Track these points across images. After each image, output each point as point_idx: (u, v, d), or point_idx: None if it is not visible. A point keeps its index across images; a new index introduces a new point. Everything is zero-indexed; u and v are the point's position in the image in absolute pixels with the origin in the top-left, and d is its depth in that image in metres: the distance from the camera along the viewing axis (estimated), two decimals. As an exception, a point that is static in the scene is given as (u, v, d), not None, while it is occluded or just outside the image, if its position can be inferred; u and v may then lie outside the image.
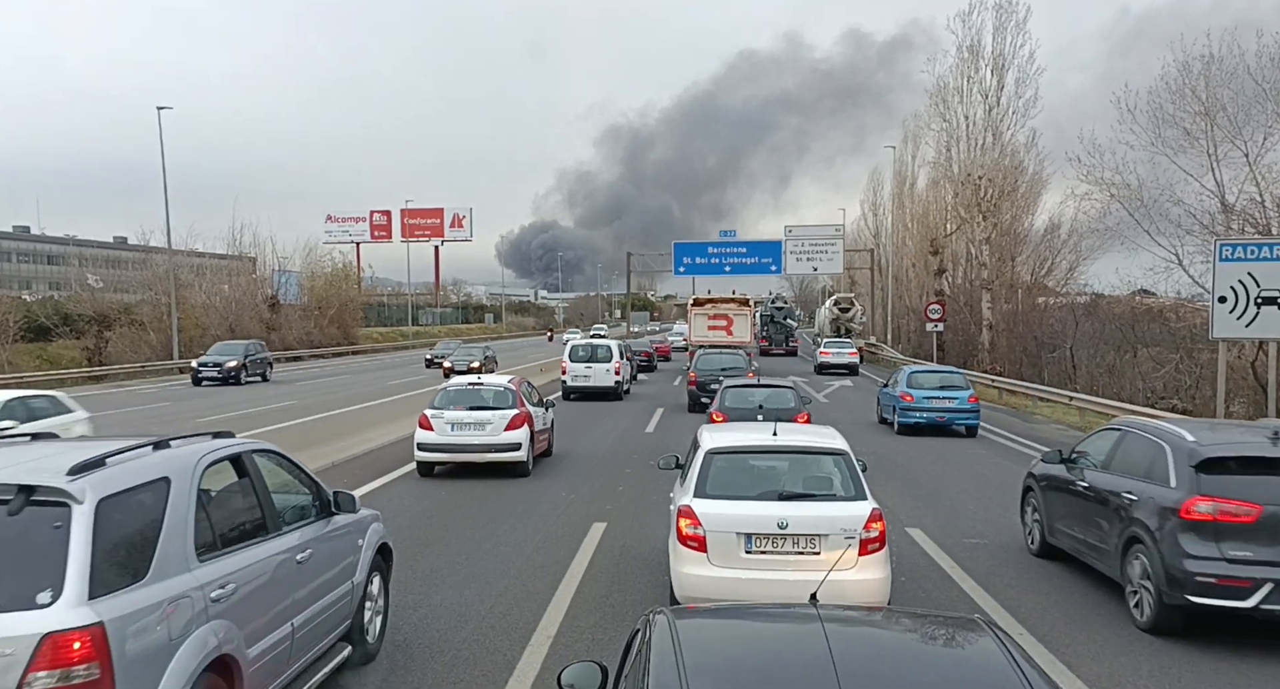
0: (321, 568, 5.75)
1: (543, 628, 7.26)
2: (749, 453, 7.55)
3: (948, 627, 3.34)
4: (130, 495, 4.21)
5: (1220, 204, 24.24)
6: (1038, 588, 8.50)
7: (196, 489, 4.64)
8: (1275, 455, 7.17)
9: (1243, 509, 6.86)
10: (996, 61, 38.69)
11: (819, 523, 6.73)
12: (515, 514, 11.54)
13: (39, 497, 3.88)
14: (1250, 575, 6.69)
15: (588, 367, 26.72)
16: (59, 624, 3.61)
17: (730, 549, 6.73)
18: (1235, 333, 17.56)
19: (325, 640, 5.82)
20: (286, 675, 5.24)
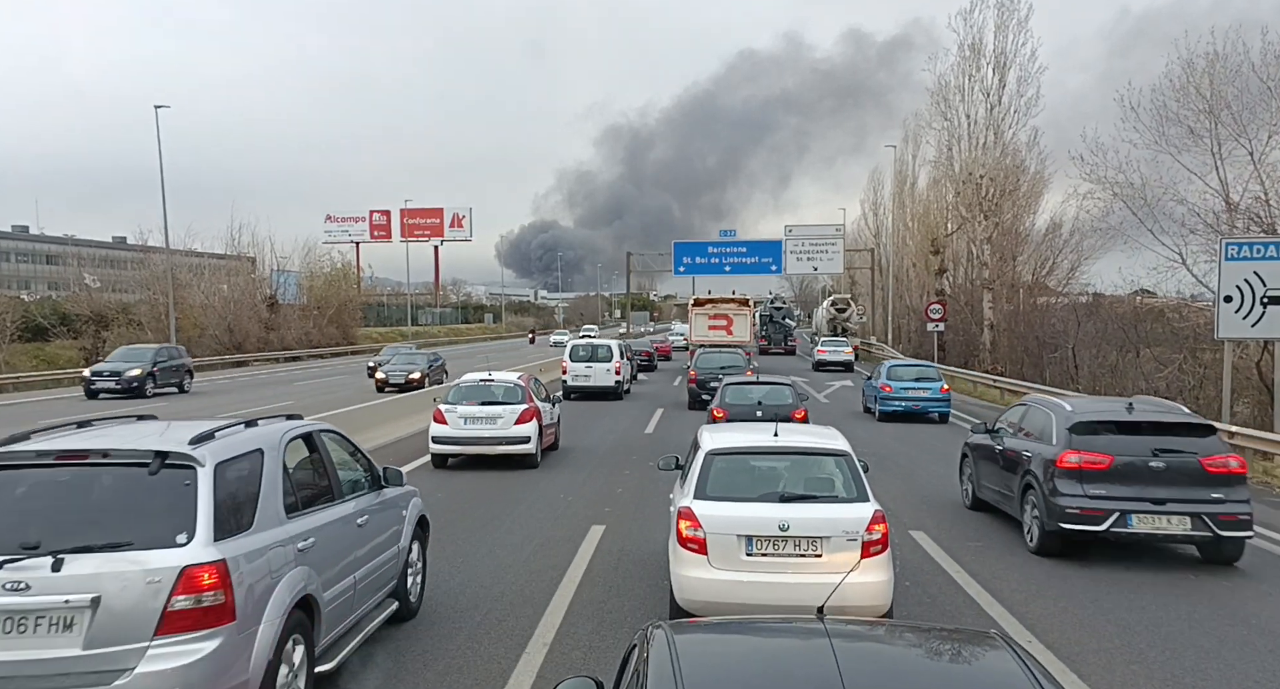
0: (375, 532, 6.75)
1: (539, 635, 7.09)
2: (750, 454, 7.44)
3: (963, 642, 3.15)
4: (236, 462, 5.21)
5: (1225, 202, 24.03)
6: (1044, 592, 8.32)
7: (282, 459, 5.67)
8: (1125, 420, 9.62)
9: (1099, 459, 9.31)
10: (998, 60, 38.50)
11: (821, 525, 6.62)
12: (513, 516, 11.37)
13: (171, 461, 4.86)
14: (1103, 507, 9.14)
15: (588, 366, 26.82)
16: (193, 559, 4.58)
17: (731, 551, 6.62)
18: (1241, 333, 17.38)
19: (378, 595, 6.81)
20: (349, 621, 6.22)
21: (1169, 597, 8.19)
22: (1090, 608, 7.87)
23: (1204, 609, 7.83)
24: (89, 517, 4.82)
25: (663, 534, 9.17)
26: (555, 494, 12.87)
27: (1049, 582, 8.66)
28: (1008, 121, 38.73)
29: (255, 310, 54.29)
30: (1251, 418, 21.73)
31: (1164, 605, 7.93)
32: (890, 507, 11.88)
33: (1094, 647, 6.91)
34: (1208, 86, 23.84)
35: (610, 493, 12.99)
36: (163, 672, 4.45)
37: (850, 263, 62.84)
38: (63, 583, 4.44)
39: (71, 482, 4.97)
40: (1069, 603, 8.01)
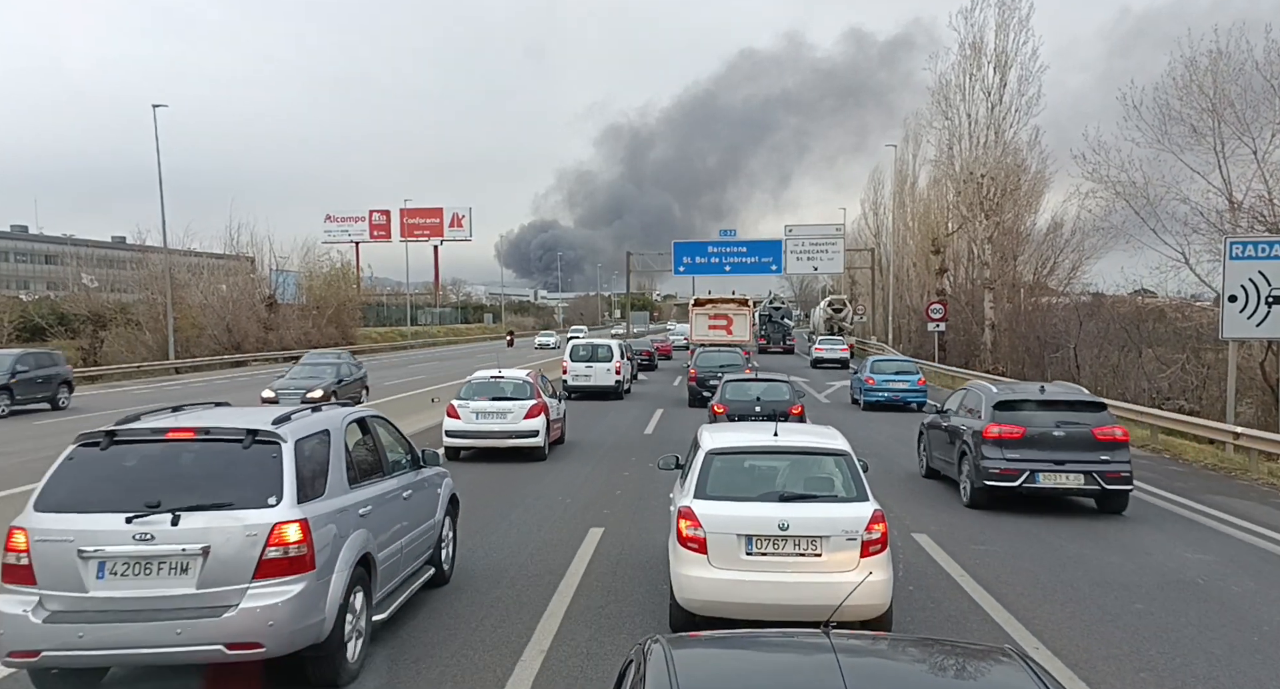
0: (417, 505, 7.75)
1: (535, 641, 6.93)
2: (749, 453, 7.42)
3: (978, 658, 3.01)
4: (310, 439, 6.20)
5: (1228, 201, 23.87)
6: (1051, 597, 8.17)
7: (344, 438, 6.67)
8: (1037, 398, 12.18)
9: (1014, 430, 11.71)
10: (999, 59, 38.33)
11: (820, 524, 6.60)
12: (509, 519, 11.21)
13: (260, 437, 5.85)
14: (1018, 468, 11.48)
15: (588, 366, 26.90)
16: (282, 517, 5.56)
17: (731, 551, 6.61)
18: (1246, 333, 17.25)
19: (418, 561, 7.81)
20: (396, 580, 7.23)
21: (1178, 602, 8.04)
22: (1097, 613, 7.72)
23: (1214, 615, 7.68)
24: (197, 482, 5.74)
25: (662, 537, 9.14)
26: (554, 496, 12.72)
27: (1056, 586, 8.51)
28: (1009, 120, 38.58)
29: (254, 310, 54.09)
30: (1255, 418, 21.58)
31: (1173, 611, 7.78)
32: (892, 508, 11.75)
33: (1103, 654, 6.76)
34: (1211, 85, 23.68)
35: (609, 495, 12.83)
36: (259, 608, 5.42)
37: (850, 262, 62.68)
38: (180, 535, 5.43)
39: (181, 453, 5.88)
40: (1076, 608, 7.86)
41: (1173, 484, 14.09)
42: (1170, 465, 16.27)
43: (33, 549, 5.41)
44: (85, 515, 5.49)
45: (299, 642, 5.63)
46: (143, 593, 5.40)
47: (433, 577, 8.05)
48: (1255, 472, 15.05)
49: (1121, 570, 9.06)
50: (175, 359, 44.19)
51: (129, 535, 5.40)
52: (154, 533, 5.41)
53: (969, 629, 7.28)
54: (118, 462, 5.82)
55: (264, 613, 5.42)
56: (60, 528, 5.45)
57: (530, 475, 14.31)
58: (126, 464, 5.81)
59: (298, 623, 5.55)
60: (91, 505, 5.53)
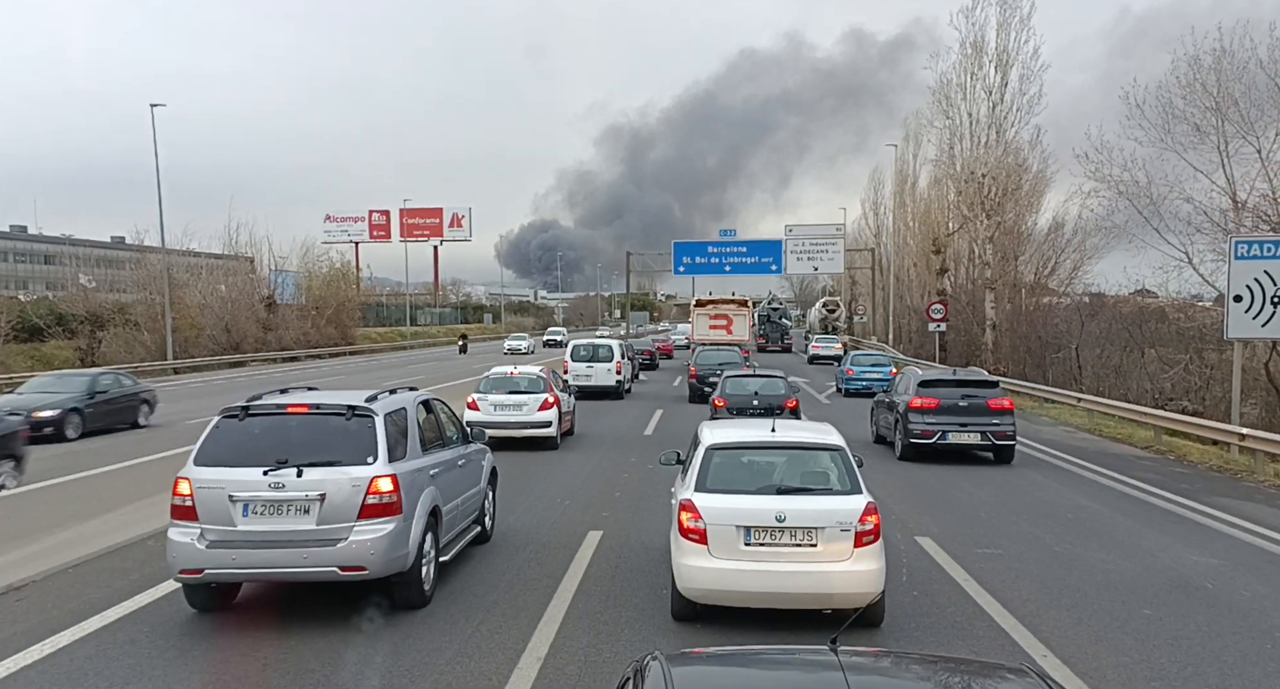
0: (468, 473, 9.37)
1: (532, 648, 6.79)
2: (748, 448, 7.67)
3: (993, 677, 2.81)
4: (394, 414, 7.78)
5: (1232, 201, 23.72)
6: (1058, 602, 8.02)
7: (415, 414, 8.26)
8: (948, 378, 16.46)
9: (931, 401, 15.57)
10: (1000, 57, 38.14)
11: (815, 516, 6.89)
12: (506, 522, 11.05)
13: (358, 411, 7.46)
14: (935, 429, 15.43)
15: (589, 366, 27.19)
16: (378, 473, 7.14)
17: (730, 541, 6.89)
18: (1251, 333, 17.11)
19: (468, 519, 9.37)
20: (454, 532, 8.78)
21: (1187, 607, 7.89)
22: (1105, 618, 7.57)
23: (1224, 621, 7.53)
24: (313, 445, 7.30)
25: (661, 540, 9.24)
26: (552, 498, 12.57)
27: (1062, 591, 8.35)
28: (1010, 120, 38.38)
29: (253, 310, 53.95)
30: (1260, 419, 21.45)
31: (1183, 617, 7.63)
32: (893, 508, 11.61)
33: (1113, 662, 6.61)
34: (1214, 83, 23.52)
35: (608, 497, 12.69)
36: (363, 540, 7.03)
37: (851, 262, 62.54)
38: (303, 484, 7.04)
39: (299, 423, 7.50)
40: (1083, 613, 7.70)
41: (1177, 486, 13.95)
42: (1174, 467, 16.13)
43: (195, 494, 7.07)
44: (232, 469, 7.13)
45: (391, 569, 7.23)
46: (277, 527, 7.03)
47: (478, 534, 9.68)
48: (1261, 473, 14.90)
49: (1128, 574, 8.91)
50: (174, 360, 44.05)
51: (265, 484, 7.03)
52: (284, 482, 7.04)
53: (975, 636, 7.13)
54: (252, 429, 7.45)
55: (366, 544, 7.04)
56: (214, 478, 7.09)
57: (530, 475, 14.18)
58: (258, 431, 7.43)
59: (390, 554, 7.16)
60: (236, 461, 7.18)
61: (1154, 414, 19.36)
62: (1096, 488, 13.87)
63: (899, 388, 17.06)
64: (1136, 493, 13.40)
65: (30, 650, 6.74)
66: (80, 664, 6.51)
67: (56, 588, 8.37)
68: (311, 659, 6.54)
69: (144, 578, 8.59)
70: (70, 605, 7.81)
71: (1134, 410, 20.60)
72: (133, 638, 7.03)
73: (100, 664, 6.49)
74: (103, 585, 8.40)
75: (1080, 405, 23.26)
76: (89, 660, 6.57)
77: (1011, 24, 37.62)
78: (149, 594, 8.10)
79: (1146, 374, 28.12)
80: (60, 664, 6.51)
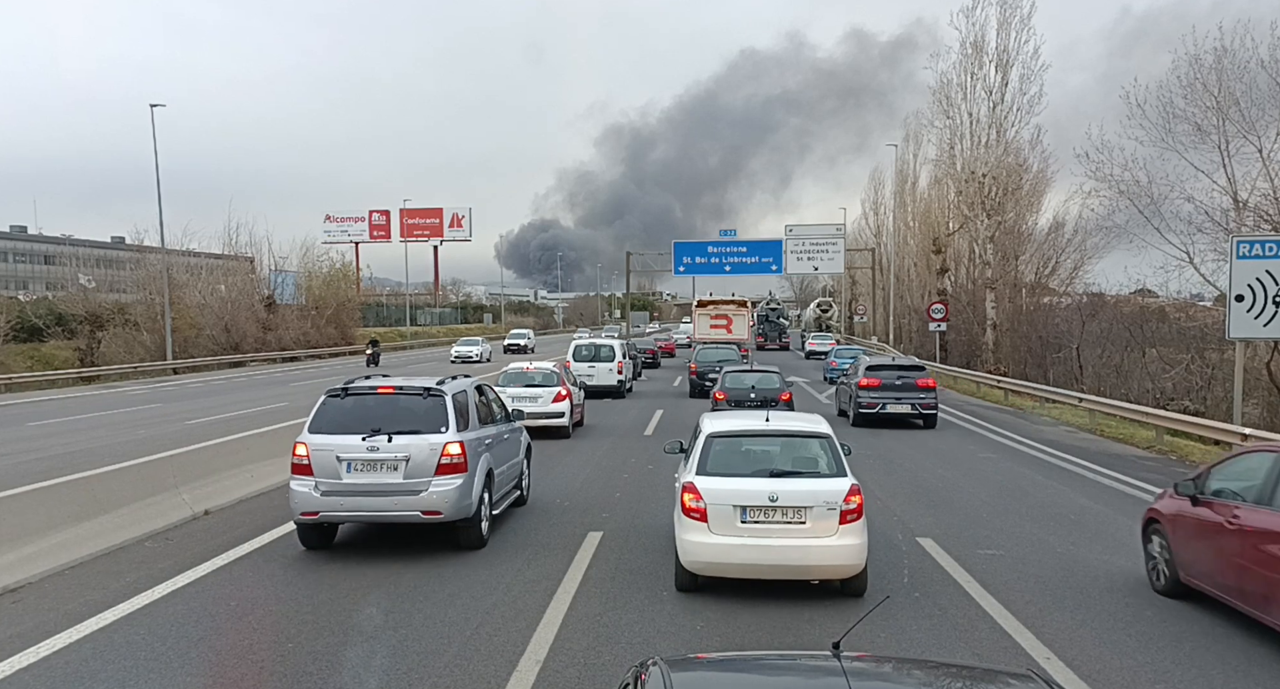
0: (511, 445, 11.44)
1: (531, 651, 6.73)
2: (745, 436, 8.47)
3: (996, 682, 2.77)
4: (458, 394, 9.76)
5: (1233, 200, 23.68)
6: (1061, 604, 7.97)
7: (474, 395, 10.36)
8: (888, 363, 22.22)
9: (875, 381, 20.71)
10: (1000, 57, 38.17)
11: (804, 496, 7.65)
12: (506, 524, 11.01)
13: (431, 392, 9.47)
14: (876, 401, 20.56)
15: (591, 366, 27.52)
16: (449, 439, 9.17)
17: (728, 519, 7.65)
18: (1253, 333, 17.04)
19: (510, 484, 11.23)
20: (501, 492, 10.66)
21: (1191, 609, 7.83)
22: (1108, 620, 7.51)
23: (1228, 624, 7.46)
24: (398, 418, 9.32)
25: (662, 542, 9.51)
26: (551, 499, 12.52)
27: (1065, 592, 8.29)
28: (1010, 119, 38.43)
29: (253, 310, 53.92)
30: (1261, 419, 21.40)
31: (1187, 619, 7.57)
32: (894, 509, 11.56)
33: (1117, 665, 6.55)
34: (1215, 82, 23.49)
35: (608, 498, 12.63)
36: (439, 491, 9.11)
37: (851, 262, 62.46)
38: (393, 448, 9.10)
39: (386, 401, 9.50)
40: (1087, 615, 7.65)
41: (1180, 486, 13.88)
42: (1177, 468, 16.06)
43: (310, 455, 9.20)
44: (338, 435, 9.22)
45: (460, 514, 9.30)
46: (373, 480, 9.12)
47: (517, 497, 11.71)
48: (1263, 474, 14.82)
49: (1131, 575, 8.85)
50: (173, 360, 44.01)
51: (364, 447, 9.10)
52: (378, 446, 9.10)
53: (977, 638, 7.08)
54: (350, 405, 9.49)
55: (442, 495, 9.12)
56: (325, 442, 9.21)
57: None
58: (355, 407, 9.46)
59: (459, 503, 9.24)
60: (341, 429, 9.25)
61: (1156, 414, 19.30)
62: (1098, 488, 13.82)
63: (851, 372, 22.09)
64: (1139, 494, 13.33)
65: (26, 653, 6.69)
66: (76, 667, 6.46)
67: (54, 590, 8.31)
68: (309, 662, 6.49)
69: (141, 579, 8.54)
70: (67, 607, 7.75)
71: (1136, 410, 20.54)
72: (129, 640, 6.98)
73: (96, 666, 6.44)
74: (99, 587, 8.34)
75: (1081, 405, 23.21)
76: (84, 663, 6.52)
77: (1012, 24, 37.68)
78: (147, 596, 8.04)
79: (1148, 374, 28.08)
80: (56, 666, 6.46)
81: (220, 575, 8.78)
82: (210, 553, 9.53)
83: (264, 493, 12.80)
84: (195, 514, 11.19)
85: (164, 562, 9.17)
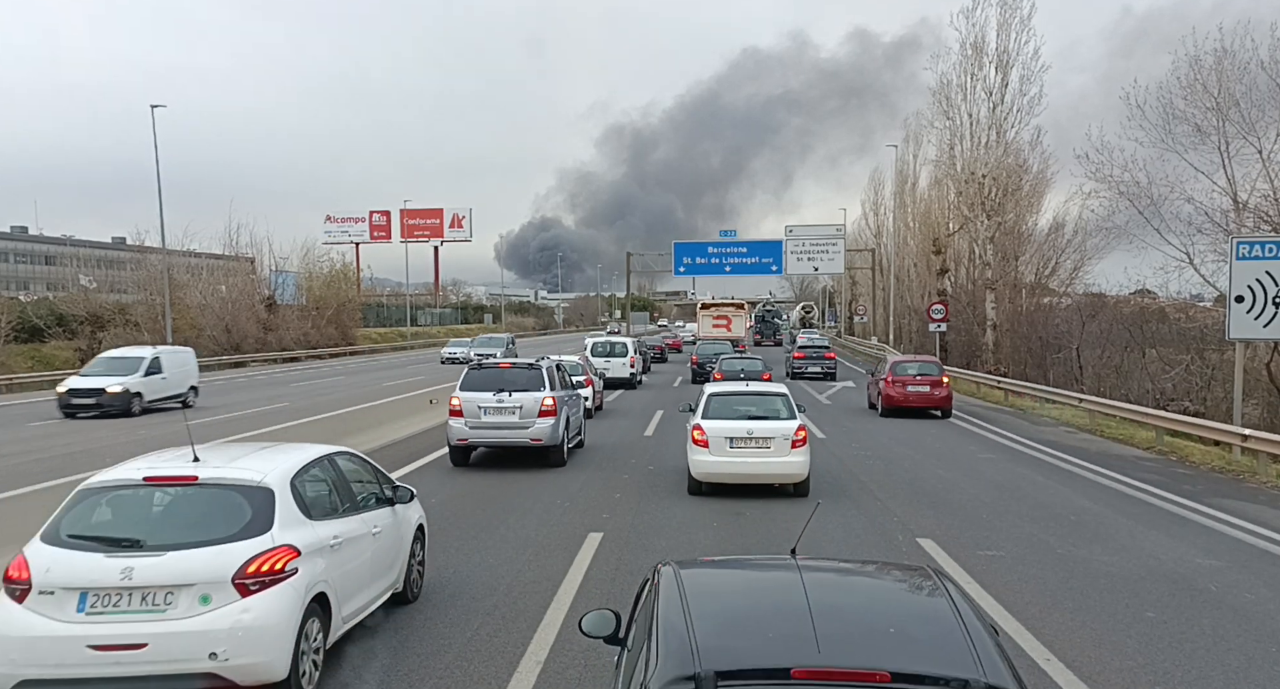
0: (576, 404, 17.13)
1: (532, 652, 6.74)
2: (732, 396, 13.21)
3: (903, 573, 3.99)
4: (549, 367, 15.66)
5: (1232, 201, 23.68)
6: (1060, 604, 7.97)
7: (554, 370, 16.22)
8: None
9: (800, 354, 37.35)
10: (1001, 58, 38.08)
11: (770, 431, 12.27)
12: (506, 524, 11.02)
13: (532, 366, 15.42)
14: (801, 366, 36.12)
15: (607, 360, 31.55)
16: (547, 396, 14.89)
17: (721, 445, 12.27)
18: (1253, 333, 17.06)
19: (575, 430, 16.64)
20: (572, 432, 16.34)
21: (1191, 610, 7.85)
22: (1108, 622, 7.52)
23: (1229, 625, 7.48)
24: (514, 382, 14.71)
25: (663, 542, 9.83)
26: (552, 500, 12.52)
27: (1065, 593, 8.31)
28: (1010, 120, 38.32)
29: (253, 311, 53.87)
30: (1261, 420, 21.41)
31: (1187, 620, 7.58)
32: (894, 510, 11.57)
33: (1116, 665, 6.56)
34: (1215, 83, 23.48)
35: (608, 498, 12.63)
36: (541, 427, 14.43)
37: (851, 263, 62.49)
38: (512, 401, 14.52)
39: (506, 372, 15.00)
40: (1086, 616, 7.66)
41: (1180, 487, 13.90)
42: (1177, 468, 16.08)
43: (462, 405, 14.43)
44: (477, 392, 14.45)
45: (553, 442, 14.48)
46: (500, 420, 14.41)
47: (579, 440, 16.97)
48: (1264, 474, 14.84)
49: (1131, 576, 8.86)
50: (173, 360, 43.97)
51: (495, 400, 14.33)
52: (503, 399, 14.32)
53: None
54: (484, 374, 14.94)
55: (543, 429, 14.35)
56: (470, 396, 14.46)
57: (524, 481, 14.15)
58: (487, 374, 14.92)
59: (553, 435, 14.42)
60: (478, 389, 14.53)
61: (1156, 415, 19.30)
62: (1098, 489, 13.82)
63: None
64: (1139, 494, 13.35)
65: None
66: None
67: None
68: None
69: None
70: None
71: (1135, 411, 20.54)
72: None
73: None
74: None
75: (1081, 406, 23.20)
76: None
77: (1012, 25, 37.60)
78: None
79: (1147, 374, 28.07)
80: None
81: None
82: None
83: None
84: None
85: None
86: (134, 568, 5.27)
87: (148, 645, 5.15)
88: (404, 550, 7.54)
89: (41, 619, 5.20)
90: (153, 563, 5.32)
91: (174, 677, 5.23)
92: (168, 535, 5.62)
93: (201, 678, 5.24)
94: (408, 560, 7.62)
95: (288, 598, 5.49)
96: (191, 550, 5.41)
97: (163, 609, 5.26)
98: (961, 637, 2.88)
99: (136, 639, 5.16)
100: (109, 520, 5.78)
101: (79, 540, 5.52)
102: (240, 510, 5.67)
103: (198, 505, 5.82)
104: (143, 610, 5.25)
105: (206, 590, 5.30)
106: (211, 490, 5.80)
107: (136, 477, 5.89)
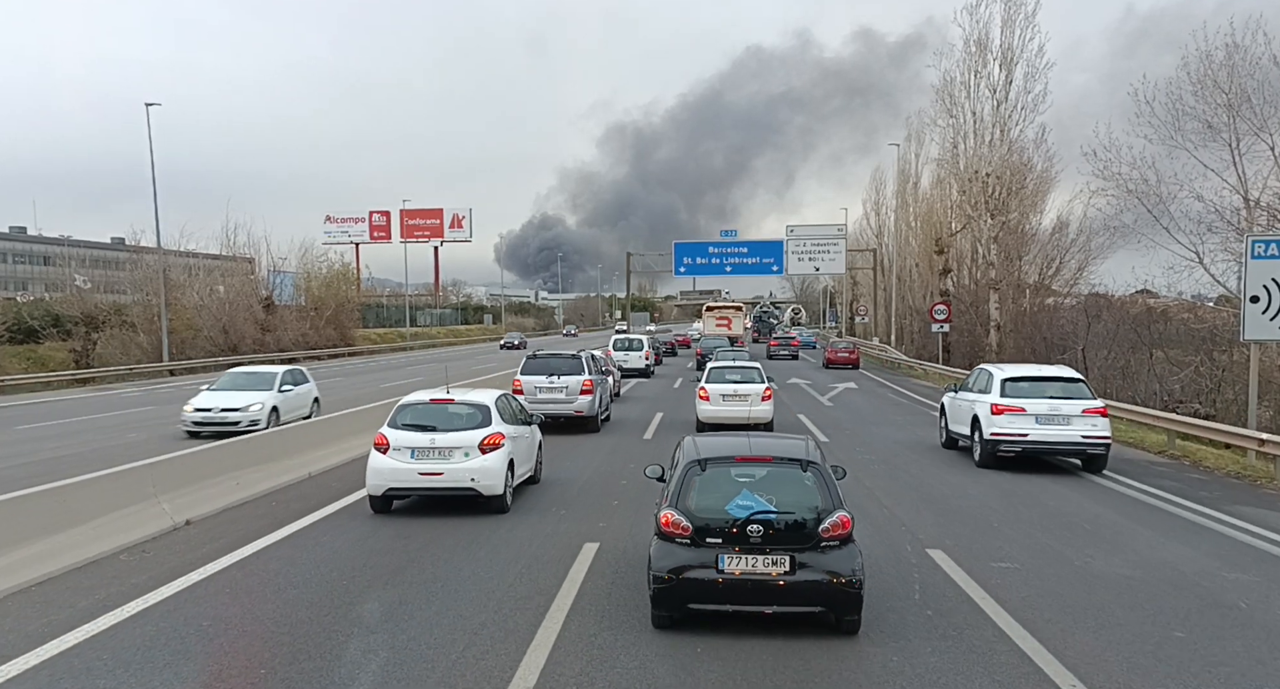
0: (606, 385, 22.81)
1: (520, 676, 6.30)
2: (725, 367, 20.61)
3: (794, 434, 9.63)
4: (588, 358, 21.38)
5: (1243, 199, 23.23)
6: (1082, 623, 7.53)
7: (592, 358, 21.99)
8: (781, 336, 59.95)
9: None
10: (1005, 56, 37.69)
11: (748, 390, 19.54)
12: (500, 532, 10.57)
13: (575, 356, 21.07)
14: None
15: (625, 354, 37.42)
16: (586, 379, 20.37)
17: (716, 400, 19.38)
18: (1269, 334, 16.61)
19: (606, 403, 22.25)
20: (604, 405, 21.92)
21: (1221, 629, 7.40)
22: (1135, 642, 7.07)
23: (1264, 646, 7.04)
24: (562, 368, 20.31)
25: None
26: (549, 505, 12.08)
27: (1087, 610, 7.86)
28: (1014, 118, 37.96)
29: (251, 311, 53.41)
30: (1274, 422, 20.93)
31: (1218, 641, 7.14)
32: (901, 517, 11.13)
33: (1140, 687, 6.13)
34: (1227, 79, 23.03)
35: (605, 506, 12.18)
36: (583, 402, 19.90)
37: (852, 263, 62.14)
38: (560, 383, 20.04)
39: (556, 360, 20.63)
40: (1111, 636, 7.21)
41: (1197, 494, 13.45)
42: (1191, 473, 15.63)
43: (523, 386, 19.87)
44: (534, 376, 20.13)
45: (590, 413, 19.90)
46: (551, 397, 19.74)
47: (608, 405, 22.23)
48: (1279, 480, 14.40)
49: (1155, 591, 8.42)
50: (170, 361, 43.59)
51: (547, 383, 19.94)
52: (553, 381, 19.91)
53: (997, 662, 6.62)
54: (539, 361, 20.53)
55: (584, 403, 19.82)
56: (529, 379, 20.12)
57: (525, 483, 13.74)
58: (541, 362, 20.46)
59: (591, 408, 19.92)
60: (535, 373, 20.20)
61: (1168, 418, 18.84)
62: (1112, 495, 13.38)
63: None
64: (1154, 501, 12.91)
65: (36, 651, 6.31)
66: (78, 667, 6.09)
67: (16, 608, 7.88)
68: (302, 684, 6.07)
69: (111, 596, 8.12)
70: (28, 628, 7.32)
71: (1146, 414, 20.08)
72: (89, 666, 6.54)
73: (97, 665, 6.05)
74: (66, 605, 7.91)
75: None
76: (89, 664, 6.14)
77: (1016, 21, 37.23)
78: (115, 615, 7.61)
79: (1155, 376, 27.61)
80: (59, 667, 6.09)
81: (195, 592, 8.34)
82: (187, 567, 9.10)
83: (250, 501, 12.35)
84: (176, 525, 10.76)
85: (138, 576, 8.73)
86: (435, 439, 11.28)
87: (444, 473, 11.13)
88: (535, 451, 13.39)
89: (394, 461, 11.17)
90: (443, 436, 11.34)
91: (456, 488, 11.16)
92: (449, 424, 11.57)
93: (466, 489, 11.17)
94: (538, 457, 13.55)
95: (501, 456, 11.37)
96: (460, 432, 11.40)
97: (449, 458, 11.18)
98: (804, 448, 7.63)
99: (439, 470, 11.14)
100: (416, 419, 11.65)
101: (407, 426, 11.50)
102: (476, 415, 11.66)
103: (459, 413, 11.76)
104: (439, 460, 11.18)
105: (467, 450, 11.22)
106: (461, 406, 11.87)
107: (425, 398, 12.09)
